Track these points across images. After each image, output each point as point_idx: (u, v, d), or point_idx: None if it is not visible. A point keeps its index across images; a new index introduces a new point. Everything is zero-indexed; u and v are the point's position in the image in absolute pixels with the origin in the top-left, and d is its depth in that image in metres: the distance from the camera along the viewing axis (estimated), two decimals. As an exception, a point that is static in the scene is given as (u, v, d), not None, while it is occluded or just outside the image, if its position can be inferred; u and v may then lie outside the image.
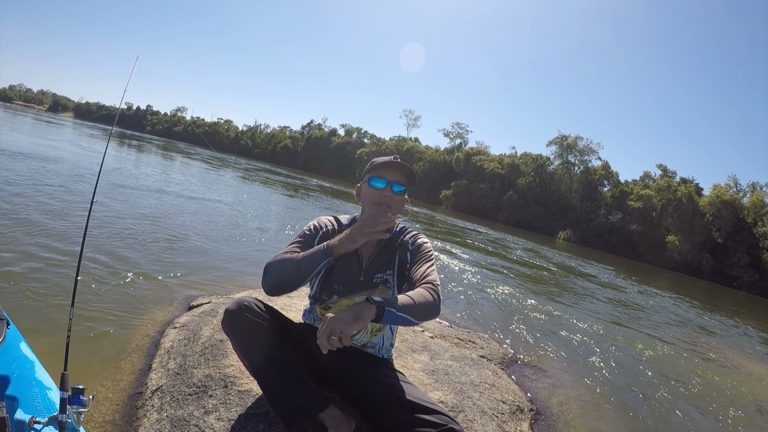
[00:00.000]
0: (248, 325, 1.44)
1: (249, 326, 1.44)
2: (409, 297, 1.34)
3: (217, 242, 5.73)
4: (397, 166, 1.59)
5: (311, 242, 1.58)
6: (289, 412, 1.43)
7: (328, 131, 68.59)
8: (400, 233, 1.69)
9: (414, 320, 1.34)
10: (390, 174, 1.59)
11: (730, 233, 33.26)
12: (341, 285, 1.61)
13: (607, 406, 3.31)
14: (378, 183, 1.59)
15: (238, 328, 1.45)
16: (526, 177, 45.03)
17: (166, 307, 3.19)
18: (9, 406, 1.26)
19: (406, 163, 1.62)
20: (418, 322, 1.36)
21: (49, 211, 5.13)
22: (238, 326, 1.45)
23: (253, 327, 1.45)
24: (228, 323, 1.46)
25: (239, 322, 1.45)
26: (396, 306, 1.29)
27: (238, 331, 1.46)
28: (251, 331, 1.44)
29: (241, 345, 1.46)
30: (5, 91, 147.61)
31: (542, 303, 6.59)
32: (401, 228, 1.71)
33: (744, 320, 11.62)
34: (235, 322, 1.45)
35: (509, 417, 2.25)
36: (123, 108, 59.79)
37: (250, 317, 1.45)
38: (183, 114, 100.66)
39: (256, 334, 1.44)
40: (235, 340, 1.47)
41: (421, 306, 1.35)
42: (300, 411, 1.44)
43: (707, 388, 4.42)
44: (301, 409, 1.43)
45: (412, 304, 1.33)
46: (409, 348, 2.74)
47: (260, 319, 1.47)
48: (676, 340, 6.50)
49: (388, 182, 1.58)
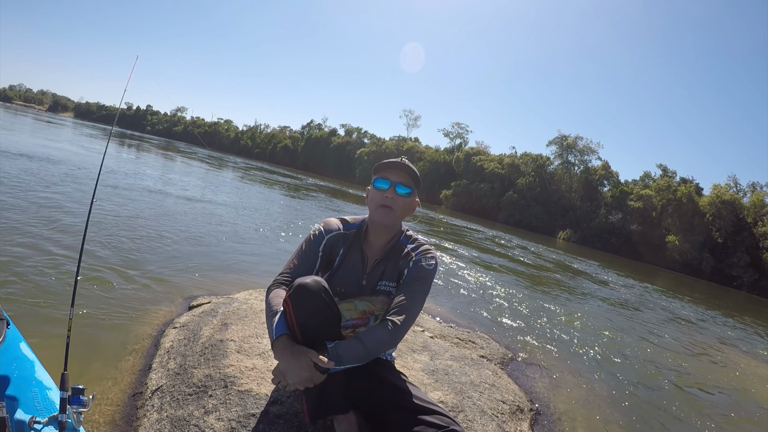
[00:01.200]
0: (322, 306, 1.37)
1: (323, 307, 1.37)
2: (362, 343, 1.38)
3: (217, 242, 5.73)
4: (400, 166, 1.58)
5: (316, 248, 1.58)
6: (319, 408, 1.43)
7: (328, 131, 68.56)
8: (410, 243, 1.64)
9: (363, 362, 1.42)
10: (394, 175, 1.58)
11: (730, 233, 33.24)
12: (343, 287, 1.61)
13: (608, 405, 3.31)
14: (382, 184, 1.58)
15: (310, 306, 1.35)
16: (526, 177, 45.00)
17: (166, 307, 3.19)
18: (9, 406, 1.26)
19: (410, 164, 1.61)
20: (368, 361, 1.43)
21: (49, 212, 5.13)
22: (311, 305, 1.34)
23: (327, 311, 1.38)
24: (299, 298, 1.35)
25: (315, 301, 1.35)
26: (342, 362, 1.35)
27: (309, 310, 1.35)
28: (323, 313, 1.37)
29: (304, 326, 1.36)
30: (5, 91, 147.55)
31: (542, 303, 6.59)
32: (414, 239, 1.66)
33: (744, 320, 11.62)
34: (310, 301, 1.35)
35: (509, 417, 2.25)
36: (123, 108, 59.75)
37: (325, 299, 1.37)
38: (183, 114, 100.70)
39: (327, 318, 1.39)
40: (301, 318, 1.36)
41: (373, 350, 1.40)
42: (329, 409, 1.44)
43: (707, 387, 4.42)
44: (330, 407, 1.44)
45: (362, 351, 1.38)
46: (409, 348, 2.74)
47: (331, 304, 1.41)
48: (676, 340, 6.50)
49: (392, 183, 1.57)
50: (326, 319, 1.38)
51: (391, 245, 1.64)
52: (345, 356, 1.35)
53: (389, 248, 1.63)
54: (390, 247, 1.63)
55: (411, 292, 1.52)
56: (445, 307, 4.98)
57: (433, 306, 4.85)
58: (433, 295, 5.42)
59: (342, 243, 1.63)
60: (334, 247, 1.62)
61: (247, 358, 2.02)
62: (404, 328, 1.47)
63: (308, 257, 1.58)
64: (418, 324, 3.50)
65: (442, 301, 5.24)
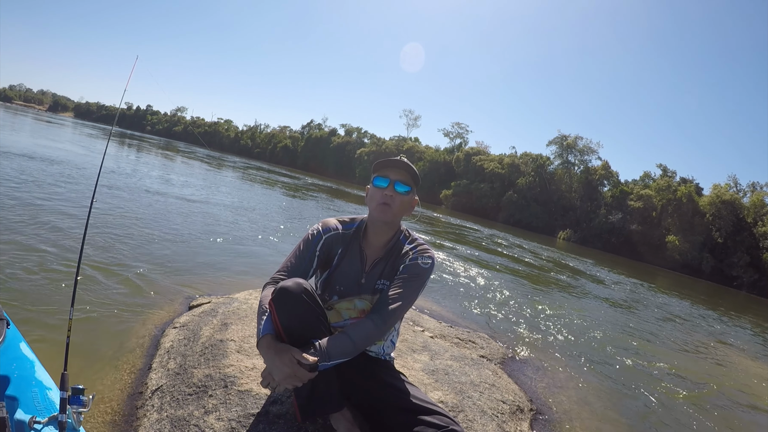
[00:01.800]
0: (305, 308, 1.39)
1: (305, 309, 1.39)
2: (349, 337, 1.40)
3: (216, 242, 5.73)
4: (399, 164, 1.59)
5: (313, 248, 1.59)
6: (309, 405, 1.43)
7: (328, 131, 68.54)
8: (408, 242, 1.65)
9: (352, 356, 1.42)
10: (393, 173, 1.59)
11: (730, 233, 33.24)
12: (342, 285, 1.61)
13: (608, 405, 3.31)
14: (381, 182, 1.59)
15: (290, 307, 1.37)
16: (526, 177, 45.00)
17: (166, 307, 3.19)
18: (9, 406, 1.26)
19: (409, 162, 1.61)
20: (356, 354, 1.44)
21: (48, 212, 5.13)
22: (291, 306, 1.37)
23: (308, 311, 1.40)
24: (280, 300, 1.38)
25: (294, 303, 1.37)
26: (330, 357, 1.35)
27: (289, 311, 1.37)
28: (304, 314, 1.39)
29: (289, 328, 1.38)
30: (5, 91, 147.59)
31: (542, 302, 6.59)
32: (412, 238, 1.67)
33: (744, 320, 11.62)
34: (289, 302, 1.37)
35: (509, 417, 2.25)
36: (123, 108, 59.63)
37: (307, 300, 1.39)
38: (183, 114, 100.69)
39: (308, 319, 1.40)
40: (285, 320, 1.38)
41: (360, 344, 1.42)
42: (319, 406, 1.44)
43: (707, 387, 4.42)
44: (320, 404, 1.44)
45: (350, 345, 1.39)
46: (409, 348, 2.74)
47: (314, 305, 1.42)
48: (675, 340, 6.50)
49: (391, 181, 1.57)
50: (311, 320, 1.39)
51: (390, 244, 1.64)
52: (333, 352, 1.35)
53: (389, 247, 1.64)
54: (389, 247, 1.64)
55: (402, 286, 1.53)
56: (445, 307, 4.98)
57: (433, 306, 4.85)
58: (434, 294, 5.42)
59: (340, 242, 1.64)
60: (332, 246, 1.63)
61: (247, 358, 2.02)
62: (391, 321, 1.48)
63: (305, 257, 1.58)
64: (418, 324, 3.50)
65: (442, 301, 5.24)
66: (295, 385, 1.32)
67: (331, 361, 1.35)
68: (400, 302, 1.50)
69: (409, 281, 1.54)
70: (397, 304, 1.49)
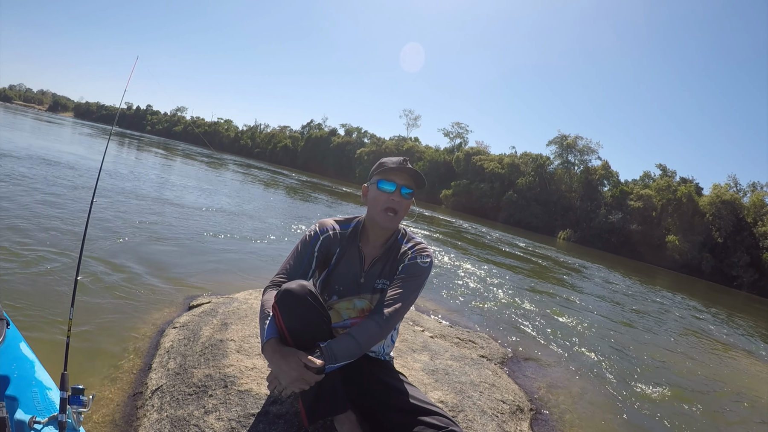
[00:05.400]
0: (310, 310, 1.38)
1: (310, 311, 1.38)
2: (354, 338, 1.41)
3: (216, 242, 5.73)
4: (407, 171, 1.60)
5: (311, 249, 1.59)
6: (315, 408, 1.43)
7: (328, 131, 68.50)
8: (407, 241, 1.66)
9: (357, 357, 1.43)
10: (399, 178, 1.60)
11: (730, 233, 33.23)
12: (341, 285, 1.62)
13: (608, 405, 3.31)
14: (387, 186, 1.59)
15: (296, 310, 1.36)
16: (526, 177, 44.98)
17: (166, 307, 3.19)
18: (9, 406, 1.26)
19: (415, 168, 1.62)
20: (361, 355, 1.45)
21: (48, 212, 5.13)
22: (297, 309, 1.36)
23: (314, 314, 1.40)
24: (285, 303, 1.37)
25: (300, 305, 1.37)
26: (336, 359, 1.36)
27: (295, 314, 1.37)
28: (309, 317, 1.38)
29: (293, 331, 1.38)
30: (5, 91, 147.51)
31: (542, 302, 6.59)
32: (409, 238, 1.68)
33: (744, 320, 11.62)
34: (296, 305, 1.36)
35: (509, 417, 2.25)
36: (123, 108, 59.54)
37: (311, 302, 1.38)
38: (183, 114, 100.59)
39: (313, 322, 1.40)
40: (288, 322, 1.37)
41: (365, 344, 1.43)
42: (325, 408, 1.43)
43: (707, 387, 4.42)
44: (326, 407, 1.43)
45: (355, 346, 1.40)
46: (409, 348, 2.74)
47: (319, 307, 1.42)
48: (675, 340, 6.51)
49: (398, 186, 1.58)
50: (315, 322, 1.39)
51: (389, 244, 1.65)
52: (339, 353, 1.36)
53: (387, 247, 1.65)
54: (388, 246, 1.65)
55: (403, 286, 1.54)
56: (445, 307, 4.98)
57: (433, 306, 4.85)
58: (433, 294, 5.42)
59: (338, 242, 1.64)
60: (330, 246, 1.63)
61: (247, 357, 2.02)
62: (394, 321, 1.49)
63: (303, 258, 1.59)
64: (418, 324, 3.50)
65: (442, 301, 5.24)
66: (303, 388, 1.32)
67: (337, 363, 1.35)
68: (401, 302, 1.51)
69: (409, 281, 1.55)
70: (399, 304, 1.50)
